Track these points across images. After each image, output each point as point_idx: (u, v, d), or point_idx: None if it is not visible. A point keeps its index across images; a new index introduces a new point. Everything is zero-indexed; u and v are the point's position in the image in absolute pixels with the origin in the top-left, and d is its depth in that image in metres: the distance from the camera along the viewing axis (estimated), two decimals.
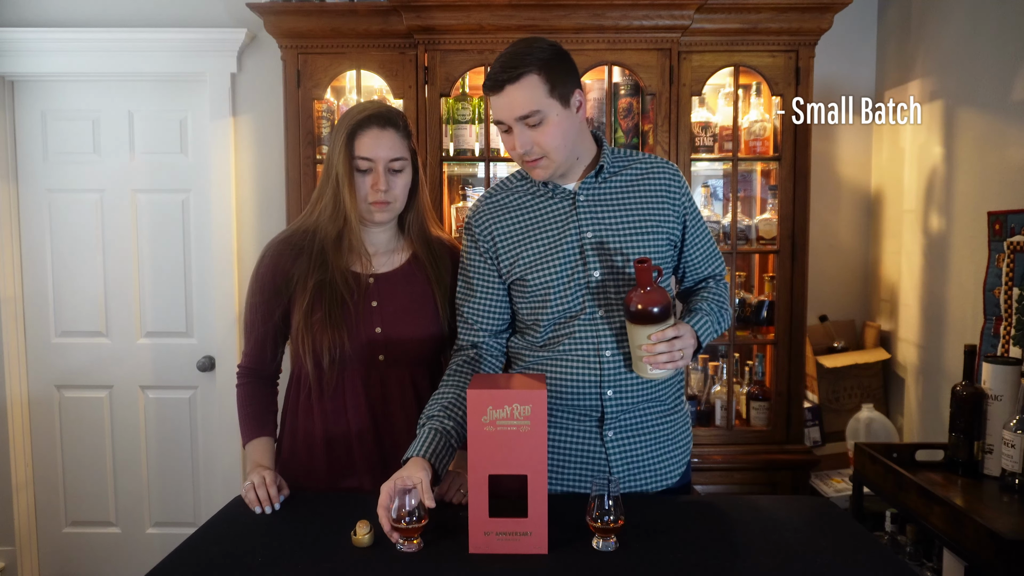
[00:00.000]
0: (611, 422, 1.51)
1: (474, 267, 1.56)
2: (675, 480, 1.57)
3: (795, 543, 1.27)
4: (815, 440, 2.72)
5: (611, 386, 1.49)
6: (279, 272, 1.58)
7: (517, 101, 1.37)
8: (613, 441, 1.52)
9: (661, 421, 1.55)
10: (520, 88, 1.37)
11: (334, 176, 1.54)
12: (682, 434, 1.60)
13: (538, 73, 1.37)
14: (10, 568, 2.89)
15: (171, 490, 2.96)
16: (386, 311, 1.59)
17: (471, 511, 1.25)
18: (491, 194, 1.58)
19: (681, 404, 1.62)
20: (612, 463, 1.52)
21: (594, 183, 1.51)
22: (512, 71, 1.37)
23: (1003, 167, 2.18)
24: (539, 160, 1.43)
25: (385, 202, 1.54)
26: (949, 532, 1.69)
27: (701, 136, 2.56)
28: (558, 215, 1.51)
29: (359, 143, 1.52)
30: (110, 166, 2.86)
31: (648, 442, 1.54)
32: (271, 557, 1.24)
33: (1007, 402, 1.85)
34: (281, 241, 1.62)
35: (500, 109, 1.40)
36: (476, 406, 1.23)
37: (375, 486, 1.52)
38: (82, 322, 2.90)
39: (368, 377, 1.58)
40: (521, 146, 1.41)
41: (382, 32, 2.44)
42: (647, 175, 1.53)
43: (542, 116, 1.38)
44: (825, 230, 2.92)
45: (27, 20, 2.77)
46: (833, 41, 2.62)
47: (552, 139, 1.40)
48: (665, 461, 1.56)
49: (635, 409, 1.52)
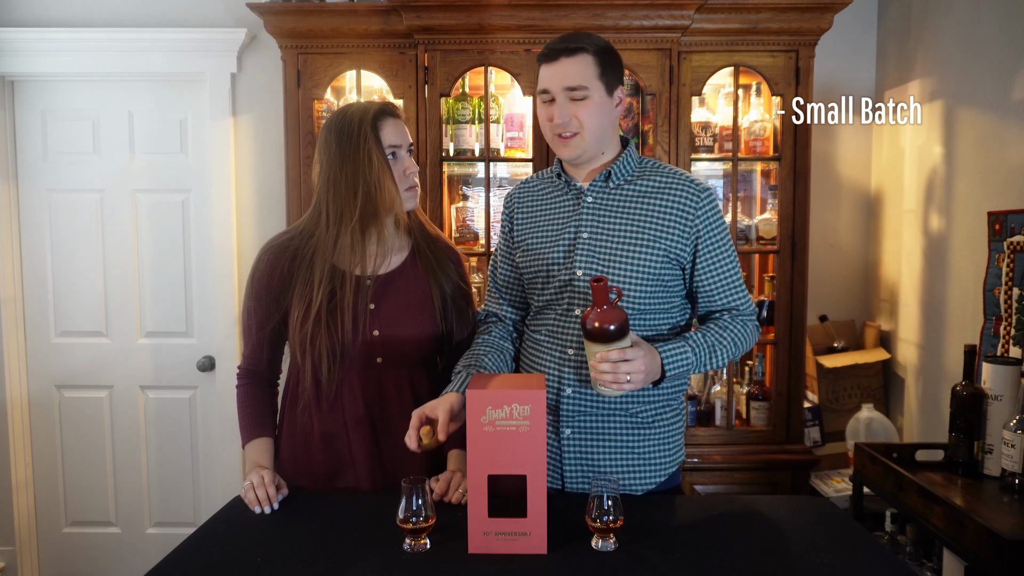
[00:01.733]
0: (567, 420, 1.52)
1: (504, 240, 1.69)
2: (637, 492, 1.54)
3: (795, 543, 1.27)
4: (815, 440, 2.72)
5: (570, 384, 1.50)
6: (276, 276, 1.58)
7: (570, 72, 1.45)
8: (569, 439, 1.52)
9: (628, 433, 1.52)
10: (574, 62, 1.45)
11: (368, 169, 1.52)
12: (656, 450, 1.54)
13: (592, 55, 1.46)
14: (10, 568, 2.90)
15: (171, 490, 2.96)
16: (383, 313, 1.59)
17: (470, 511, 1.25)
18: (527, 179, 1.69)
19: (662, 421, 1.55)
20: (564, 460, 1.53)
21: (604, 186, 1.53)
22: (570, 44, 1.46)
23: (1003, 167, 2.18)
24: (572, 137, 1.48)
25: (417, 185, 1.62)
26: (949, 532, 1.69)
27: (701, 136, 2.56)
28: (564, 209, 1.56)
29: (384, 133, 1.55)
30: (110, 166, 2.86)
31: (608, 450, 1.52)
32: (271, 557, 1.24)
33: (1007, 402, 1.85)
34: (278, 244, 1.61)
35: (549, 78, 1.47)
36: (475, 406, 1.23)
37: (373, 486, 1.54)
38: (82, 322, 2.90)
39: (366, 379, 1.58)
40: (560, 116, 1.46)
41: (382, 32, 2.44)
42: (664, 189, 1.51)
43: (587, 93, 1.45)
44: (825, 230, 2.92)
45: (27, 20, 2.78)
46: (833, 41, 2.62)
47: (591, 117, 1.47)
48: (628, 472, 1.53)
49: (595, 413, 1.51)
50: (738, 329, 1.52)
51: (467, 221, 2.62)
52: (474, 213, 2.64)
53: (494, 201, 2.56)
